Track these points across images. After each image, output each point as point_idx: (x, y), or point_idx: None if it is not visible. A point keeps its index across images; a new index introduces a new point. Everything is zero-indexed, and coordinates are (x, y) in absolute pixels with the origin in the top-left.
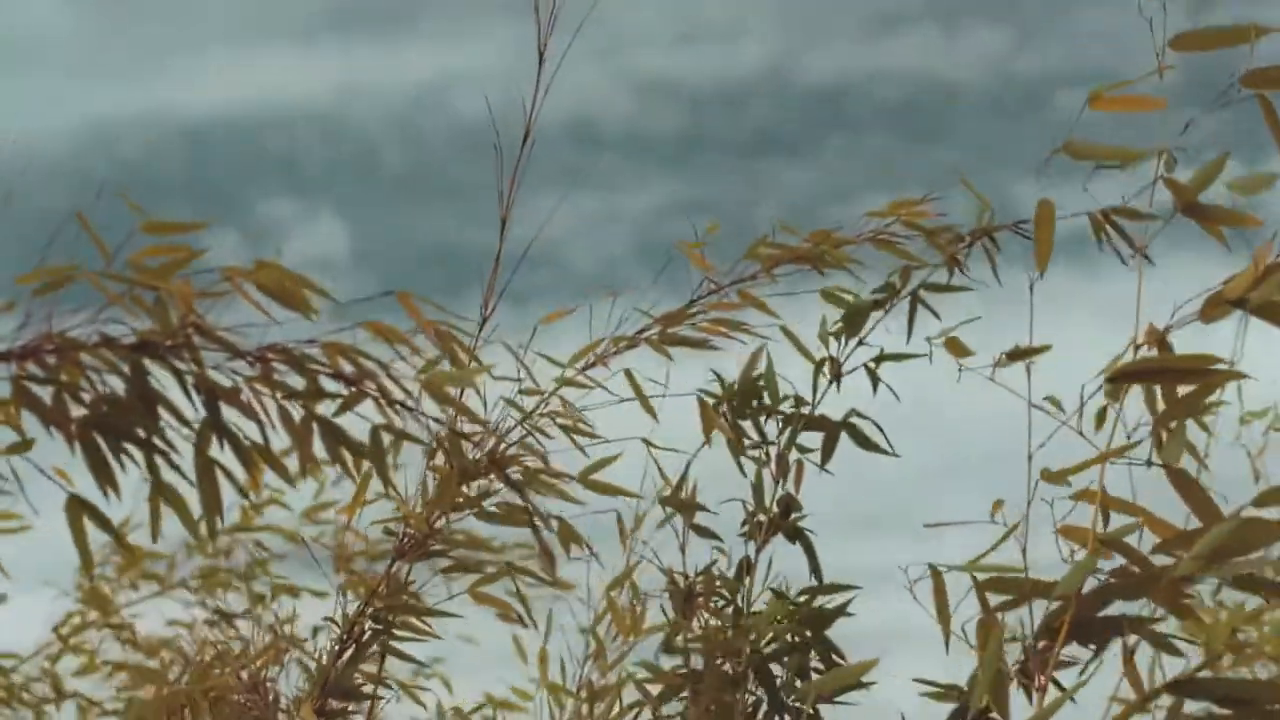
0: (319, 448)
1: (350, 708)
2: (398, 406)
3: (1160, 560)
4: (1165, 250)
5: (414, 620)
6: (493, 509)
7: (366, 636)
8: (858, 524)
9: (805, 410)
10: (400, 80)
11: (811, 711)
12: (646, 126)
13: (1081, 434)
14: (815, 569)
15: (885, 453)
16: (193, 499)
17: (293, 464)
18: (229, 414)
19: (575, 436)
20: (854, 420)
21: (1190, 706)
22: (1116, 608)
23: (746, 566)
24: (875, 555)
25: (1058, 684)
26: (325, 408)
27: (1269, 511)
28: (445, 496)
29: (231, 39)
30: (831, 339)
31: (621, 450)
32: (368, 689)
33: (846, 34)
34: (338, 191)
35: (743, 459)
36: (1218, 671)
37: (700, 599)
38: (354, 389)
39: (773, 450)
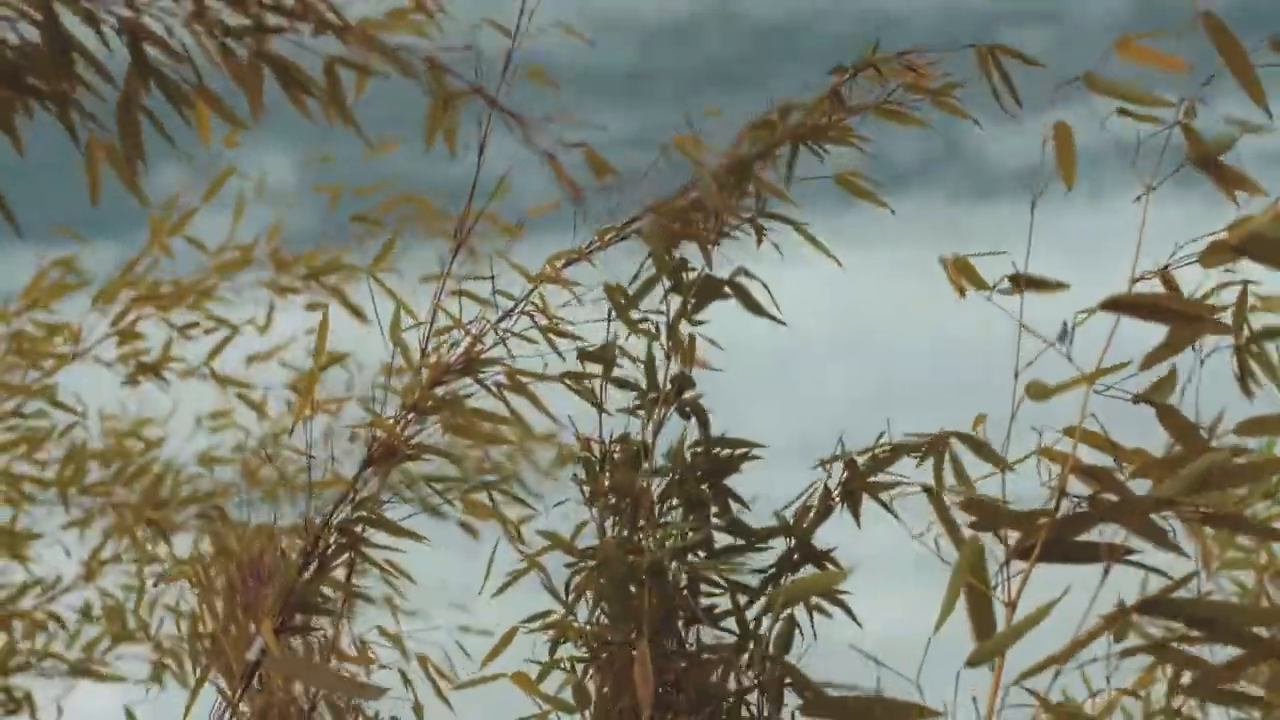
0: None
1: (313, 622)
2: (352, 38)
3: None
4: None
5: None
6: (461, 421)
7: (332, 549)
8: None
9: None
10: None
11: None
12: (596, 60)
13: (1070, 359)
14: (708, 441)
15: (774, 319)
16: None
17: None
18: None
19: (553, 338)
20: (740, 280)
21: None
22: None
23: (644, 451)
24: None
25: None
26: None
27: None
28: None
29: None
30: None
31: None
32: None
33: None
34: (286, 121)
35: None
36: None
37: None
38: (303, 20)
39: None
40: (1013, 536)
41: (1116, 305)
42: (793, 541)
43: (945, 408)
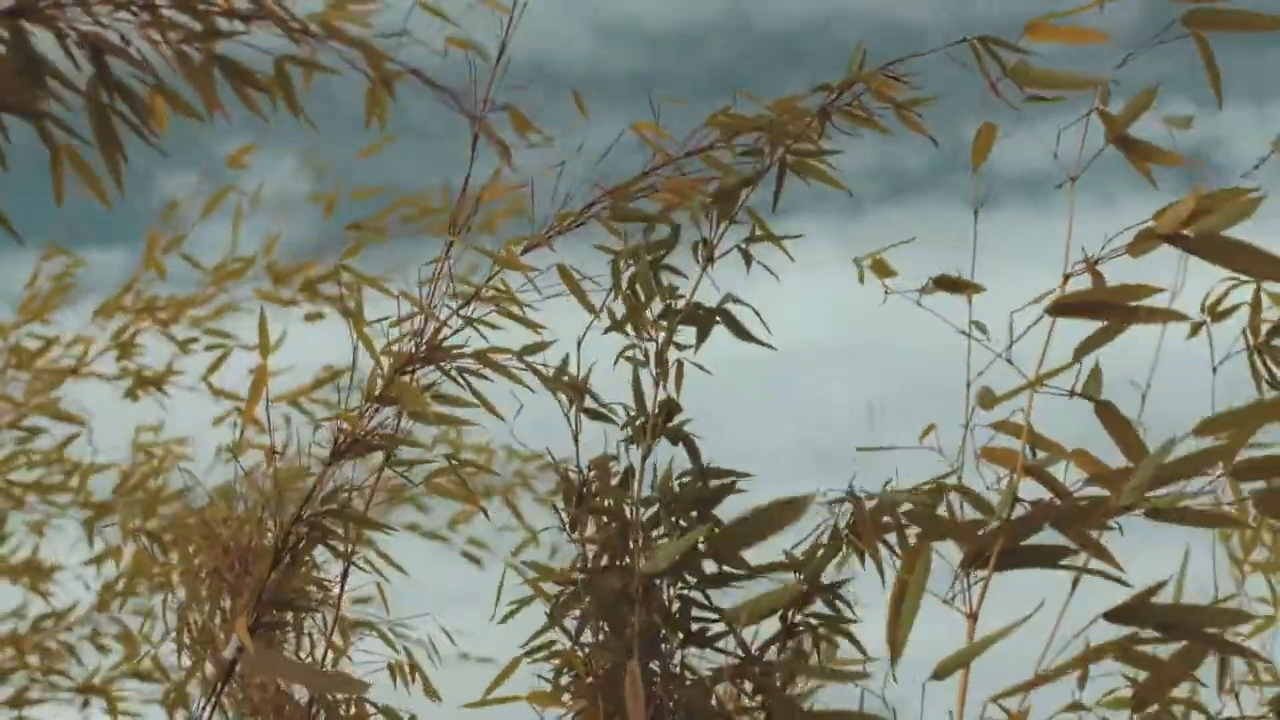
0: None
1: (288, 619)
2: (300, 36)
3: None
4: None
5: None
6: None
7: (303, 544)
8: (808, 460)
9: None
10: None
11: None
12: (604, 66)
13: (1011, 363)
14: (699, 469)
15: (761, 343)
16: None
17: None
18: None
19: (515, 324)
20: (729, 307)
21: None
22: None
23: (630, 474)
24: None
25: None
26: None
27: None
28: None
29: None
30: (703, 219)
31: (557, 339)
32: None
33: None
34: (296, 130)
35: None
36: None
37: (594, 497)
38: (253, 21)
39: (651, 348)
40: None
41: (1063, 309)
42: (801, 576)
43: (949, 413)
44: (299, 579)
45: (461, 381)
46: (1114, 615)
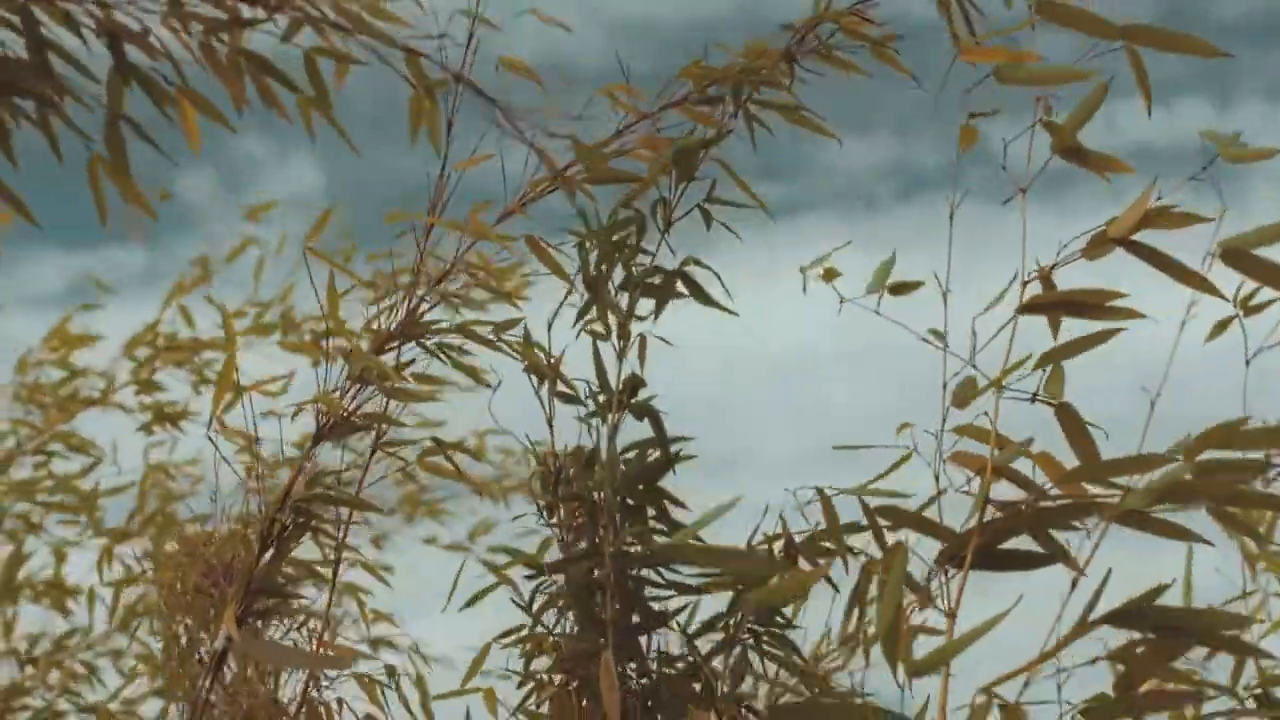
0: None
1: (276, 606)
2: (327, 27)
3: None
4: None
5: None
6: (405, 385)
7: (289, 531)
8: (811, 460)
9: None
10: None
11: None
12: (617, 65)
13: (975, 368)
14: (663, 444)
15: (722, 308)
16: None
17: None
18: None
19: (490, 299)
20: (689, 270)
21: None
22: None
23: (593, 458)
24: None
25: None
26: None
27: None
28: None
29: None
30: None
31: (526, 316)
32: (295, 588)
33: None
34: (316, 131)
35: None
36: None
37: (570, 482)
38: (281, 12)
39: (614, 320)
40: None
41: (1034, 307)
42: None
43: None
44: (289, 564)
45: (443, 357)
46: (1112, 618)
